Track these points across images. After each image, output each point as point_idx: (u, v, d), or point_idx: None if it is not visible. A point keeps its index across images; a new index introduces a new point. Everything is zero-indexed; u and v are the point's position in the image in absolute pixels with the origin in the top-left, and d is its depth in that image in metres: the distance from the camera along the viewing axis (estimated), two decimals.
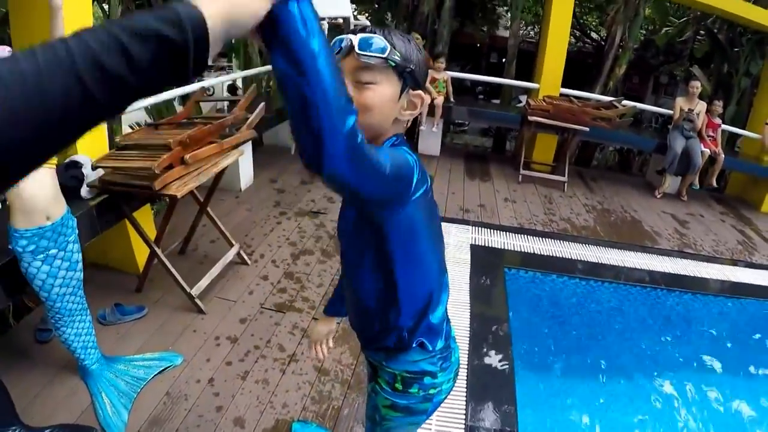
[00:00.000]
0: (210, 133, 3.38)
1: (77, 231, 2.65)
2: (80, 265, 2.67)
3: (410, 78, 1.24)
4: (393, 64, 1.19)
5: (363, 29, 1.22)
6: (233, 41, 12.43)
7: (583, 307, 4.27)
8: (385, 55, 1.18)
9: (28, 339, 3.24)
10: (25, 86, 0.54)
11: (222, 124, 3.47)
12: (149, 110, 7.25)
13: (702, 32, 10.10)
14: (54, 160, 2.42)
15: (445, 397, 1.58)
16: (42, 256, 2.44)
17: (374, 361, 1.60)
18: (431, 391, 1.52)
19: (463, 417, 2.76)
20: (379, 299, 1.44)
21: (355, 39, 1.18)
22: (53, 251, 2.47)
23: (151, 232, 3.68)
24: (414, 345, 1.46)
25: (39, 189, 2.35)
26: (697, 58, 10.07)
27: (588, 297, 4.31)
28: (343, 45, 1.20)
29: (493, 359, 3.19)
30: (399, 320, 1.42)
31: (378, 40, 1.18)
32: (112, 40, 0.58)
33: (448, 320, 1.57)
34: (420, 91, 1.29)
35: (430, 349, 1.47)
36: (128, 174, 3.07)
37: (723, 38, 9.05)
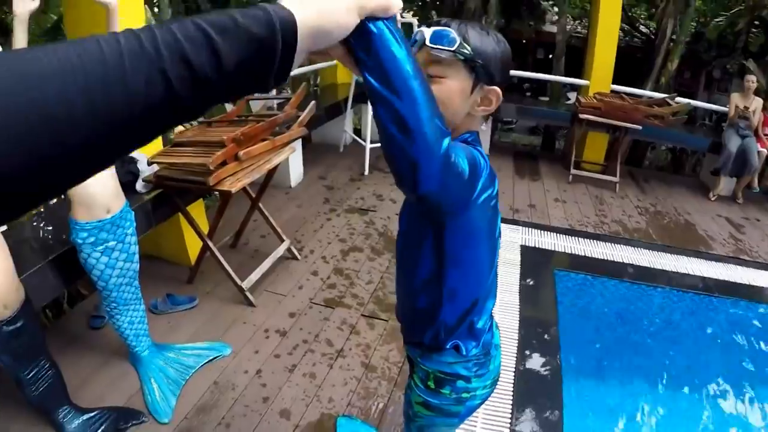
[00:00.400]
0: (263, 131, 3.42)
1: (135, 224, 2.72)
2: (137, 257, 2.75)
3: (483, 72, 1.21)
4: (462, 58, 1.17)
5: (438, 22, 1.21)
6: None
7: (634, 312, 4.16)
8: (453, 48, 1.16)
9: (81, 325, 3.35)
10: (106, 76, 0.49)
11: (274, 122, 3.50)
12: None
13: (756, 23, 9.70)
14: None
15: (481, 404, 1.57)
16: (101, 247, 2.51)
17: (412, 356, 1.61)
18: (464, 395, 1.50)
19: (509, 421, 2.73)
20: (426, 293, 1.42)
21: (428, 32, 1.17)
22: (112, 243, 2.54)
23: (204, 226, 3.75)
24: (448, 347, 1.45)
25: (100, 184, 2.43)
26: (752, 52, 9.70)
27: (639, 302, 4.20)
28: (417, 38, 1.19)
29: (541, 363, 3.16)
30: (439, 318, 1.41)
31: (449, 34, 1.16)
32: (201, 36, 0.55)
33: (493, 328, 1.56)
34: (496, 87, 1.24)
35: (464, 353, 1.45)
36: (183, 170, 3.14)
37: None
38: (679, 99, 6.75)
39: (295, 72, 7.00)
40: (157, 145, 3.64)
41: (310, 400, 2.80)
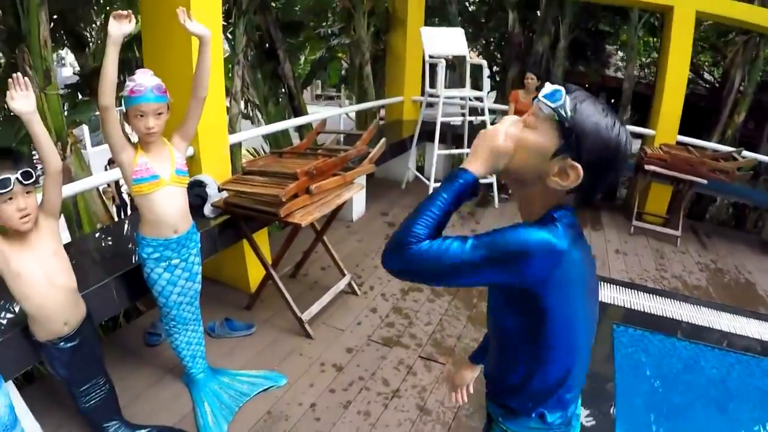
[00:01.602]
0: (334, 166, 3.45)
1: (200, 245, 2.76)
2: (199, 277, 2.78)
3: (573, 142, 1.18)
4: (557, 119, 1.18)
5: (569, 89, 1.22)
6: (345, 73, 12.83)
7: (690, 371, 4.04)
8: (554, 105, 1.18)
9: (137, 340, 3.40)
10: None
11: (346, 158, 3.53)
12: (265, 137, 7.58)
13: None
14: (186, 180, 2.55)
15: None
16: (165, 264, 2.56)
17: (492, 413, 1.54)
18: None
19: None
20: (521, 361, 1.38)
21: (549, 87, 1.21)
22: (175, 261, 2.59)
23: (266, 254, 3.77)
24: (534, 415, 1.40)
25: (171, 206, 2.48)
26: None
27: (694, 361, 4.07)
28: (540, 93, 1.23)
29: (597, 418, 3.08)
30: (531, 386, 1.38)
31: (560, 94, 1.19)
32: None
33: (578, 399, 1.50)
34: (578, 165, 1.19)
35: (549, 422, 1.40)
36: (254, 199, 3.17)
37: None
38: (745, 153, 6.59)
39: (364, 106, 7.14)
40: (225, 171, 3.72)
41: None
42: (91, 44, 6.47)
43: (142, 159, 2.37)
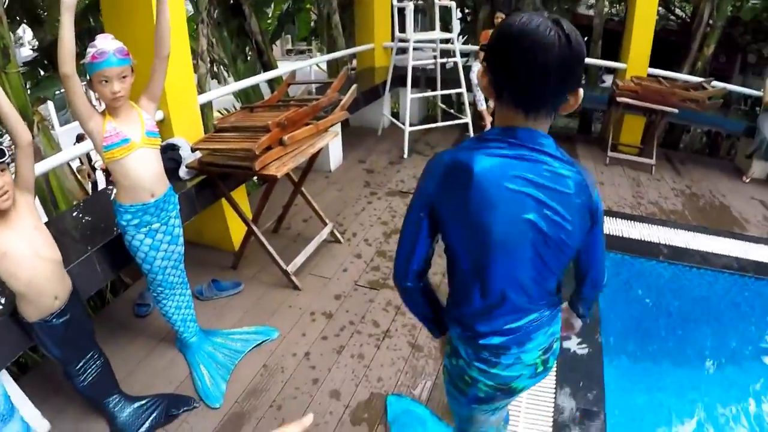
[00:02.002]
0: (306, 115, 3.42)
1: (178, 207, 2.75)
2: (181, 239, 2.78)
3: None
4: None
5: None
6: (314, 25, 12.59)
7: (670, 291, 4.14)
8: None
9: (126, 313, 3.41)
10: None
11: (317, 106, 3.50)
12: (237, 95, 7.47)
13: None
14: (158, 142, 2.53)
15: (487, 400, 1.56)
16: (145, 229, 2.56)
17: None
18: (466, 378, 1.53)
19: (553, 397, 2.74)
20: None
21: None
22: (156, 225, 2.59)
23: (246, 211, 3.77)
24: (452, 309, 1.54)
25: (145, 169, 2.46)
26: None
27: (675, 281, 4.17)
28: None
29: (582, 342, 3.15)
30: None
31: None
32: None
33: (512, 342, 1.47)
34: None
35: (458, 318, 1.51)
36: (228, 155, 3.16)
37: None
38: (715, 83, 6.64)
39: (335, 55, 7.07)
40: (198, 132, 3.69)
41: (359, 381, 2.81)
42: (46, 18, 6.27)
43: (111, 125, 2.34)
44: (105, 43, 2.22)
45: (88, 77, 2.27)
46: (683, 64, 9.14)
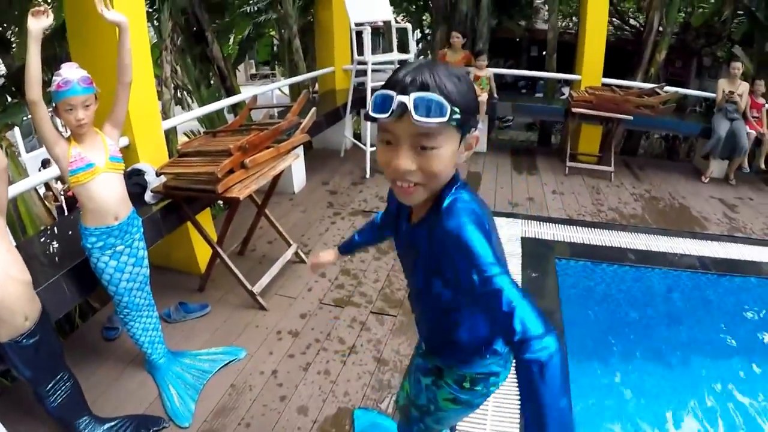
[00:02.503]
0: (267, 138, 3.50)
1: (142, 230, 2.80)
2: (146, 261, 2.83)
3: (468, 125, 1.18)
4: (454, 124, 1.12)
5: (413, 83, 1.11)
6: (276, 50, 12.70)
7: (634, 294, 4.25)
8: (446, 119, 1.08)
9: (95, 337, 3.41)
10: None
11: (277, 130, 3.58)
12: (201, 119, 7.53)
13: (740, 12, 9.82)
14: (122, 167, 2.60)
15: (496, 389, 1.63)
16: (110, 251, 2.61)
17: (443, 365, 1.61)
18: (492, 388, 1.58)
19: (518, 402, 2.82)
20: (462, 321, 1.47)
21: (410, 102, 1.08)
22: (120, 247, 2.64)
23: (212, 234, 3.81)
24: (486, 355, 1.51)
25: (109, 193, 2.52)
26: (737, 39, 9.83)
27: (638, 284, 4.30)
28: (394, 107, 1.10)
29: None
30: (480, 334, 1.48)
31: (437, 102, 1.08)
32: None
33: None
34: (476, 132, 1.21)
35: (501, 352, 1.52)
36: (192, 179, 3.22)
37: (762, 16, 8.71)
38: (668, 88, 6.90)
39: (296, 79, 7.15)
40: (162, 157, 3.74)
41: (326, 396, 2.85)
42: (13, 45, 6.28)
43: (76, 150, 2.41)
44: (70, 72, 2.31)
45: (54, 104, 2.34)
46: (636, 71, 9.46)
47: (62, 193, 8.59)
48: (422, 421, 1.73)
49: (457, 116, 1.10)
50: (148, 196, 3.38)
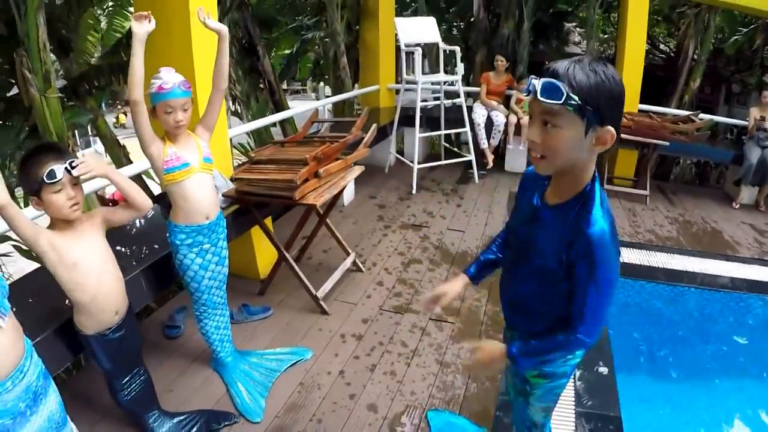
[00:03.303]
0: (337, 150, 3.68)
1: (226, 231, 2.94)
2: (227, 261, 2.96)
3: (594, 117, 1.30)
4: (571, 109, 1.28)
5: (547, 70, 1.32)
6: (313, 66, 12.94)
7: (672, 310, 4.44)
8: (561, 101, 1.27)
9: (156, 335, 3.54)
10: None
11: (345, 142, 3.76)
12: (250, 134, 7.75)
13: None
14: (212, 167, 2.74)
15: (581, 359, 1.76)
16: (197, 249, 2.73)
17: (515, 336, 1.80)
18: (569, 357, 1.71)
19: (572, 396, 2.97)
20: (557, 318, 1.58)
21: (538, 84, 1.30)
22: (207, 246, 2.77)
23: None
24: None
25: (202, 192, 2.66)
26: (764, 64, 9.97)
27: (675, 301, 4.48)
28: (530, 89, 1.34)
29: (594, 358, 3.30)
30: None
31: (557, 86, 1.27)
32: None
33: None
34: (610, 128, 1.33)
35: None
36: (267, 185, 3.38)
37: None
38: (702, 116, 7.03)
39: (346, 96, 7.34)
40: (227, 165, 3.87)
41: (393, 395, 2.96)
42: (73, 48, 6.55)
43: (171, 149, 2.55)
44: (170, 76, 2.45)
45: (152, 105, 2.49)
46: (671, 98, 9.57)
47: (110, 197, 8.80)
48: (528, 406, 1.87)
49: (574, 102, 1.28)
50: (219, 200, 3.54)
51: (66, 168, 1.95)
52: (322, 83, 11.53)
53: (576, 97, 1.28)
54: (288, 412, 2.86)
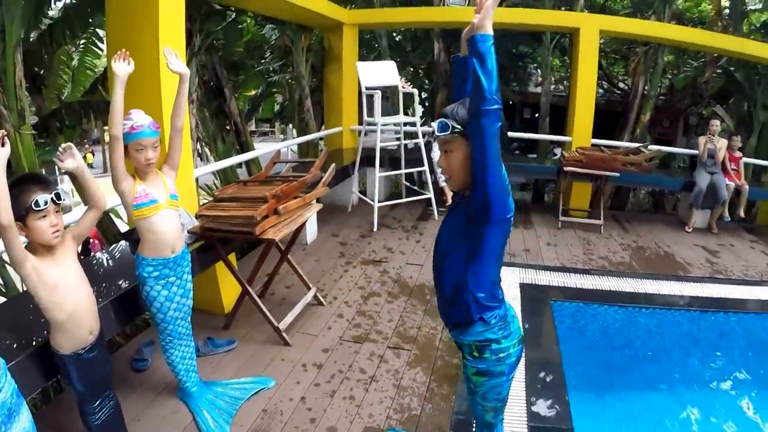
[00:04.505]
0: (296, 189, 3.89)
1: (190, 264, 3.10)
2: (191, 293, 3.11)
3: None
4: (457, 134, 1.80)
5: (441, 114, 1.84)
6: (280, 108, 13.17)
7: (623, 329, 4.68)
8: (448, 132, 1.80)
9: (124, 368, 3.62)
10: None
11: (305, 181, 3.98)
12: (216, 174, 7.89)
13: (721, 72, 10.49)
14: (178, 204, 2.91)
15: (517, 361, 2.08)
16: (163, 281, 2.89)
17: (457, 340, 2.13)
18: (501, 355, 2.02)
19: (525, 411, 3.15)
20: (457, 284, 1.98)
21: (435, 125, 1.84)
22: (172, 278, 2.93)
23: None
24: (476, 319, 1.98)
25: (169, 227, 2.83)
26: (717, 96, 10.48)
27: (627, 321, 4.72)
28: (432, 130, 1.87)
29: (547, 376, 3.53)
30: (466, 300, 1.97)
31: (444, 123, 1.80)
32: None
33: (506, 304, 2.07)
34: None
35: (488, 322, 1.98)
36: (230, 222, 3.54)
37: (740, 76, 9.39)
38: (651, 147, 7.44)
39: (309, 137, 7.53)
40: (194, 201, 4.06)
41: (353, 417, 3.11)
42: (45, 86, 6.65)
43: (141, 186, 2.74)
44: (141, 117, 2.67)
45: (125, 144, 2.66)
46: (623, 132, 10.02)
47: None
48: (477, 403, 2.18)
49: (458, 130, 1.80)
50: (184, 236, 3.69)
51: (52, 198, 2.13)
52: (291, 125, 11.66)
53: (459, 127, 1.80)
54: None
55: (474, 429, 2.44)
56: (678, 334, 4.59)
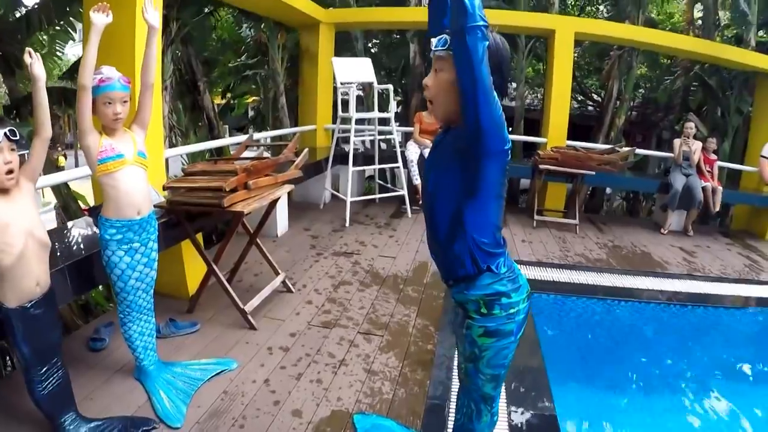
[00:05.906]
0: (267, 167, 3.77)
1: (157, 232, 2.95)
2: (156, 264, 2.96)
3: None
4: (452, 52, 1.62)
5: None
6: (258, 115, 12.98)
7: (599, 321, 4.66)
8: (445, 47, 1.68)
9: (80, 348, 3.45)
10: None
11: (276, 161, 3.88)
12: (185, 162, 7.76)
13: (696, 83, 10.65)
14: (147, 163, 2.78)
15: (524, 319, 1.86)
16: (126, 246, 2.74)
17: (460, 297, 1.88)
18: (511, 311, 1.80)
19: (505, 402, 3.01)
20: (454, 229, 1.80)
21: (434, 40, 1.72)
22: (136, 244, 2.78)
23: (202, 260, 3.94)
24: (483, 269, 1.78)
25: (135, 185, 2.69)
26: (691, 108, 10.61)
27: (603, 313, 4.69)
28: (432, 47, 1.75)
29: (527, 362, 3.43)
30: (469, 243, 1.78)
31: (444, 38, 1.68)
32: None
33: (509, 257, 1.88)
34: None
35: (497, 272, 1.79)
36: (198, 194, 3.40)
37: (714, 83, 9.56)
38: (626, 148, 7.48)
39: (281, 132, 7.44)
40: (162, 180, 3.88)
41: (319, 401, 2.96)
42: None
43: (107, 141, 2.60)
44: (111, 71, 2.56)
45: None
46: (598, 135, 10.15)
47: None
48: (479, 372, 1.93)
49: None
50: (153, 198, 3.52)
51: (5, 133, 2.04)
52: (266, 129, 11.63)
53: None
54: (210, 418, 2.82)
55: (454, 412, 2.19)
56: (656, 326, 4.62)
